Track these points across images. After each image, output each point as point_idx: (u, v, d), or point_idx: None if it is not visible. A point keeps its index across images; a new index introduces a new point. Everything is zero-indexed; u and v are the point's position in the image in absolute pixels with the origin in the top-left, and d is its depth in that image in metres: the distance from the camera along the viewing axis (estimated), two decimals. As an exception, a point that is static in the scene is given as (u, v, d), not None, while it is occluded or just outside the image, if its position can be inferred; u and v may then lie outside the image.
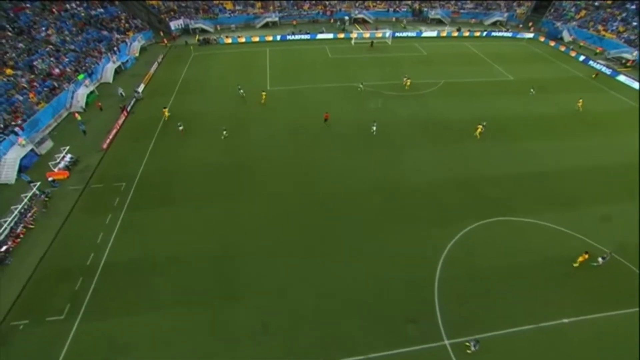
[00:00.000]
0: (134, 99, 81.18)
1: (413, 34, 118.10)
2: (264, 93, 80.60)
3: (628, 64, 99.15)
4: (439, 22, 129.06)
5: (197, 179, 61.70)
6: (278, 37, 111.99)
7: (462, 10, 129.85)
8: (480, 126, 71.05)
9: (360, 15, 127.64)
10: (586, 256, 51.99)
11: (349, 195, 59.03)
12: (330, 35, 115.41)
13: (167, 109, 76.50)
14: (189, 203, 57.86)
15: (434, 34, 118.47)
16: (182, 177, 62.10)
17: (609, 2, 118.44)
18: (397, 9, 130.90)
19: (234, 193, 59.50)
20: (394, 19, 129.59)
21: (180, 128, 71.04)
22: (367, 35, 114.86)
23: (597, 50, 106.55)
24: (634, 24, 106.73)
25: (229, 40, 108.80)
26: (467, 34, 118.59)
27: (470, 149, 68.14)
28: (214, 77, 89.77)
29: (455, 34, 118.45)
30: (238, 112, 76.74)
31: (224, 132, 69.94)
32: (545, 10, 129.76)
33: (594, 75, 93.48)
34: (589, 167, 65.26)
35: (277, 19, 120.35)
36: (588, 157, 67.29)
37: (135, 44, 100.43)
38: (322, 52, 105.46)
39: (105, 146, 69.36)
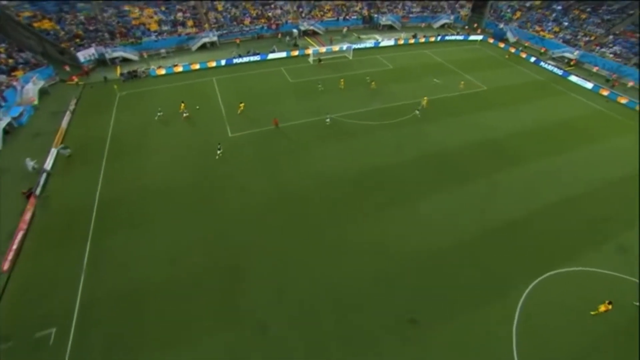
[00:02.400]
0: (45, 174, 54.38)
1: (371, 44, 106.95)
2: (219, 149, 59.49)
3: (572, 64, 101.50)
4: (390, 27, 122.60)
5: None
6: (223, 62, 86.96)
7: (410, 15, 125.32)
8: None
9: (310, 27, 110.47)
10: (609, 307, 46.93)
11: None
12: (282, 54, 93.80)
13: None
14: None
15: (391, 42, 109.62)
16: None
17: (538, 3, 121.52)
18: (347, 17, 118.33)
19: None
20: (344, 29, 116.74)
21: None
22: (323, 50, 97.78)
23: (542, 51, 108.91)
24: (565, 24, 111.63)
25: (162, 71, 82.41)
26: (422, 39, 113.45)
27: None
28: (155, 127, 63.88)
29: (412, 40, 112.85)
30: (203, 179, 52.27)
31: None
32: (483, 10, 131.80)
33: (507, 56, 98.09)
34: (596, 178, 61.01)
35: (215, 38, 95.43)
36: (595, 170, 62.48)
37: (30, 87, 72.11)
38: (280, 76, 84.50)
39: (6, 267, 43.17)
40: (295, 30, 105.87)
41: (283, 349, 41.49)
